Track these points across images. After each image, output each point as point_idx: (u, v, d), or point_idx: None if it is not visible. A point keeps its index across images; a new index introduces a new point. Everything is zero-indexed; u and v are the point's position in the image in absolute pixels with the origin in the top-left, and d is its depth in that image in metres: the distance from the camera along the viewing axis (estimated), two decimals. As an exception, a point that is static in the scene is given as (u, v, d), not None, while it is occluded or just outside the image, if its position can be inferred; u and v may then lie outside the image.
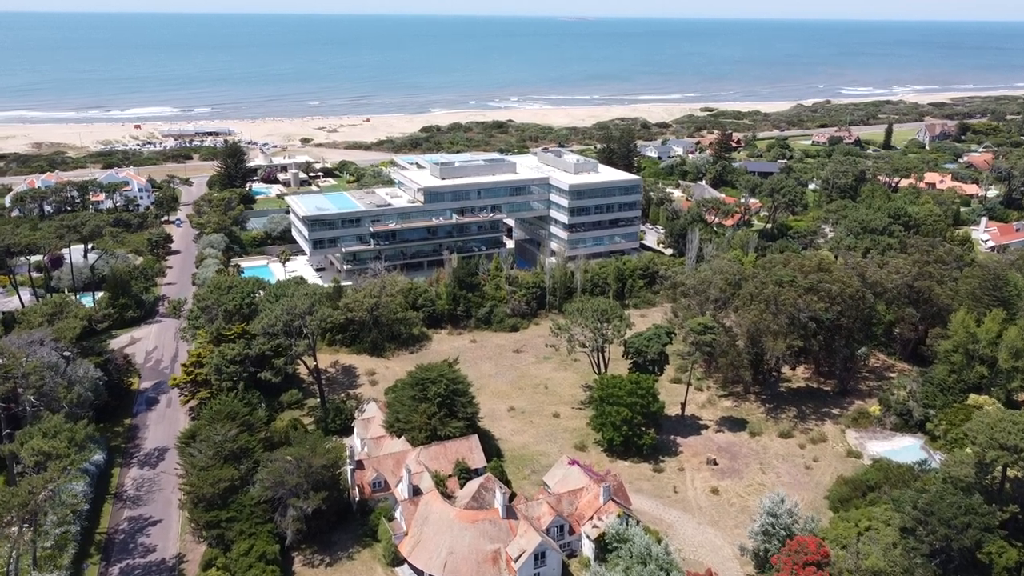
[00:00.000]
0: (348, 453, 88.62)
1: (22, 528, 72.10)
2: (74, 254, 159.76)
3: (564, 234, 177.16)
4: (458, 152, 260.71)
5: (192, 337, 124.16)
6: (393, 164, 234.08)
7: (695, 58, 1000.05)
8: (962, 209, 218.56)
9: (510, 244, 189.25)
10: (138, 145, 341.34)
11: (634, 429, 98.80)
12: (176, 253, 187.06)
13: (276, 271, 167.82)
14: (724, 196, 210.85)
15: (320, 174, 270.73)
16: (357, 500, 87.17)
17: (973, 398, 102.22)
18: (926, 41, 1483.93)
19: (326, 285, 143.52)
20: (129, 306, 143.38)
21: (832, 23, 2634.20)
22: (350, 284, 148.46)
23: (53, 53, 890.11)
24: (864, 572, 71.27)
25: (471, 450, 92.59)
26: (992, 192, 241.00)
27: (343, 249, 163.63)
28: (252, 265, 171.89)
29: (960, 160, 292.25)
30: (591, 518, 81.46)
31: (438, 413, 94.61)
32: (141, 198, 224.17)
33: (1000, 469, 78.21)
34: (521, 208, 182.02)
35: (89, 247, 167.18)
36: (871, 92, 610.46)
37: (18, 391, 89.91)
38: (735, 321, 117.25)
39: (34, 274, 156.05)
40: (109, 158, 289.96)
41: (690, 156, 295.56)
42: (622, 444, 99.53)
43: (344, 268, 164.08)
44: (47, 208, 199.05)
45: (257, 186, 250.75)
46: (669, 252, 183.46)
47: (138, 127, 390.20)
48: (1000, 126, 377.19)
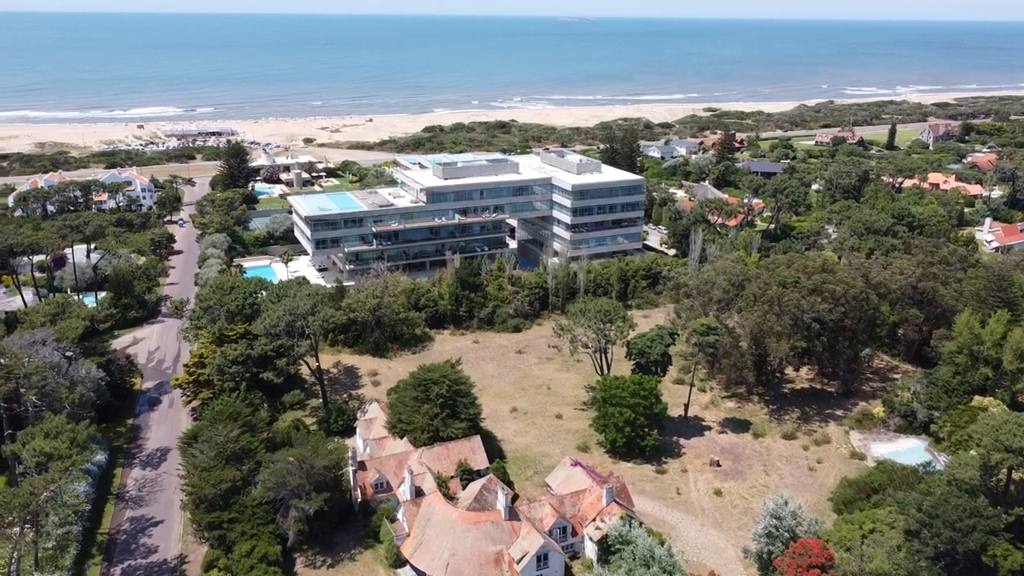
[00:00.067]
0: (350, 454, 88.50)
1: (24, 528, 71.97)
2: (77, 254, 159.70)
3: (567, 234, 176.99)
4: (461, 152, 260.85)
5: (194, 337, 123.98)
6: (396, 164, 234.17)
7: (695, 58, 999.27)
8: (966, 210, 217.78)
9: (513, 244, 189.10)
10: (141, 145, 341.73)
11: (637, 430, 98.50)
12: (179, 253, 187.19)
13: (279, 271, 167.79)
14: (727, 196, 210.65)
15: (323, 174, 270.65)
16: (359, 501, 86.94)
17: (978, 400, 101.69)
18: (926, 41, 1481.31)
19: (328, 285, 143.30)
20: (131, 306, 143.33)
21: (832, 23, 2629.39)
22: (352, 284, 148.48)
23: (54, 53, 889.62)
24: (868, 575, 70.96)
25: (473, 451, 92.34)
26: (996, 193, 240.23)
27: (346, 249, 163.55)
28: (255, 265, 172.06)
29: (964, 160, 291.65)
30: (594, 520, 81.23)
31: (440, 414, 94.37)
32: (144, 198, 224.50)
33: (1005, 471, 77.87)
34: (524, 208, 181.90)
35: (92, 247, 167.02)
36: (874, 92, 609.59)
37: (20, 391, 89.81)
38: (738, 322, 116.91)
39: (37, 274, 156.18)
40: (112, 158, 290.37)
41: (693, 156, 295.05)
42: (625, 445, 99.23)
43: (347, 268, 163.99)
44: (50, 208, 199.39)
45: (260, 186, 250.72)
46: (672, 253, 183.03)
47: (141, 127, 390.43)
48: (1004, 126, 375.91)
